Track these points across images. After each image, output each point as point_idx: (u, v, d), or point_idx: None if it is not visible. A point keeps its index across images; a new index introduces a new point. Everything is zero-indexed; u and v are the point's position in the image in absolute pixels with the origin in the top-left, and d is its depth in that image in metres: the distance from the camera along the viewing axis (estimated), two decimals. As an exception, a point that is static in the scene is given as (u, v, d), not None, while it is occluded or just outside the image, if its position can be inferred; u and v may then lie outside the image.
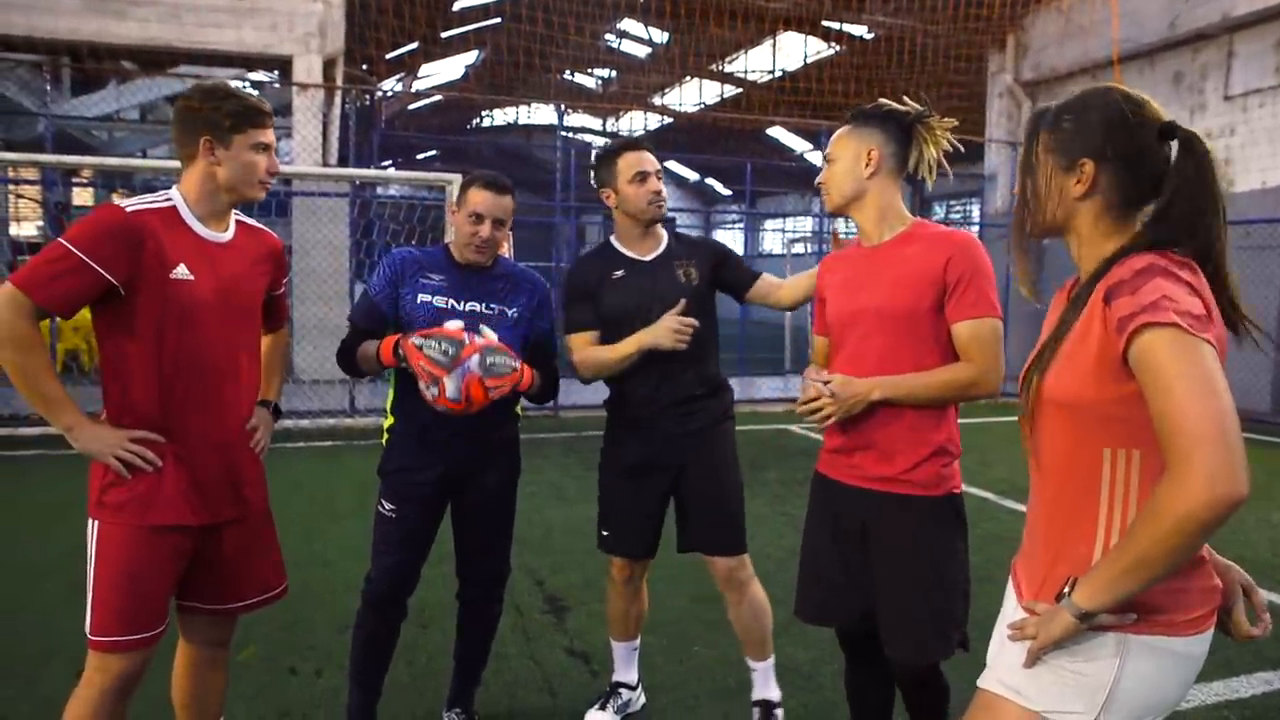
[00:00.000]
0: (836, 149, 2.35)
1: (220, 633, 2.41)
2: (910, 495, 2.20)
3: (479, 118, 30.04)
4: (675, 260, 2.88)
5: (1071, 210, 1.50)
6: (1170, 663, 1.40)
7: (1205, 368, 1.25)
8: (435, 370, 2.38)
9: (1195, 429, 1.23)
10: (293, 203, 11.55)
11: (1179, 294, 1.30)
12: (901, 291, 2.20)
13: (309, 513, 5.62)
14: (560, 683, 3.37)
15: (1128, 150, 1.45)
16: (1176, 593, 1.40)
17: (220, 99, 2.16)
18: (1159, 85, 12.14)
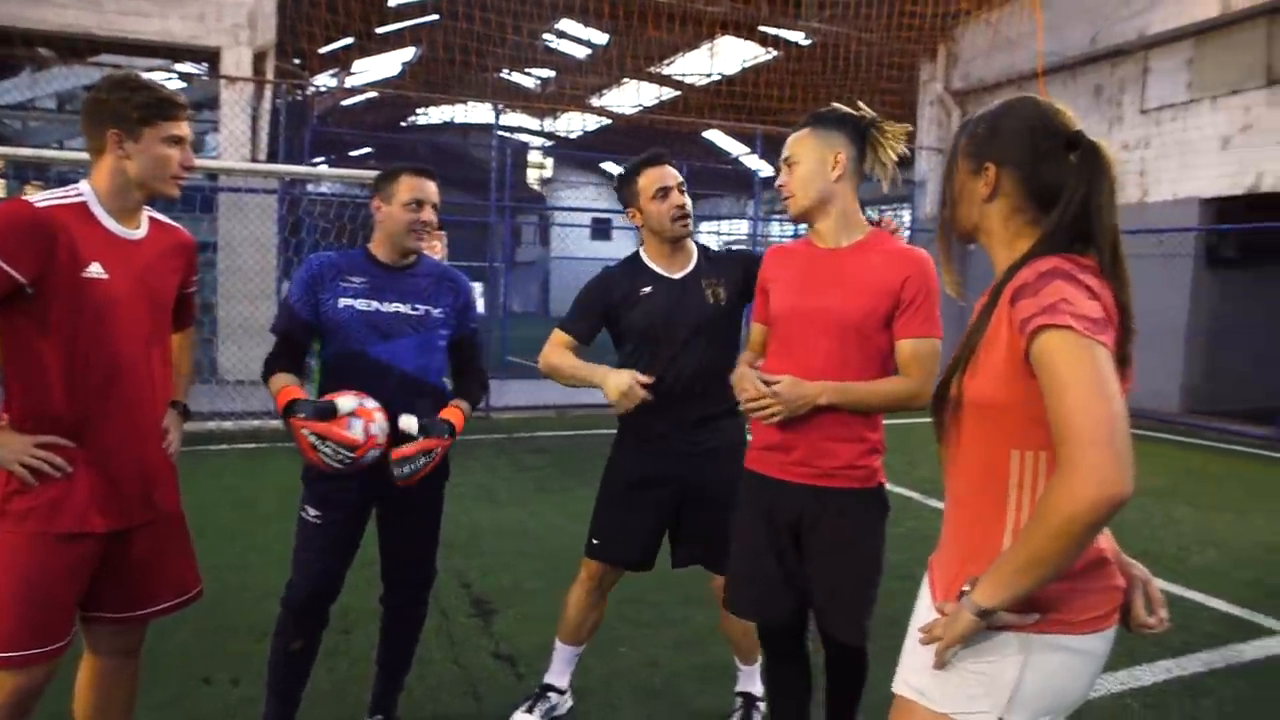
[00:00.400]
0: (798, 151, 2.33)
1: (128, 641, 2.33)
2: (850, 489, 2.33)
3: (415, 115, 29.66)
4: (704, 279, 2.83)
5: (981, 212, 1.57)
6: (1073, 660, 1.43)
7: (1097, 371, 1.30)
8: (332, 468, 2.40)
9: (1085, 432, 1.27)
10: (219, 199, 11.25)
11: (1077, 297, 1.35)
12: (860, 299, 2.27)
13: (231, 516, 5.49)
14: (485, 687, 3.35)
15: (1029, 156, 1.51)
16: (1078, 592, 1.43)
17: (129, 90, 2.08)
18: (1080, 97, 12.56)
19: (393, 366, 2.63)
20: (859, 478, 2.33)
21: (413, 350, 2.67)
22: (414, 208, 2.63)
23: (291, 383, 2.55)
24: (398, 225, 2.64)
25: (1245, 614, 4.30)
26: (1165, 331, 11.12)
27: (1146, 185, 11.66)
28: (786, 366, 2.32)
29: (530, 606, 4.17)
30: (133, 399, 2.15)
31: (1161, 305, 11.11)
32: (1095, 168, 1.47)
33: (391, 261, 2.70)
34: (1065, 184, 1.48)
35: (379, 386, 2.57)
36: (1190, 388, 11.23)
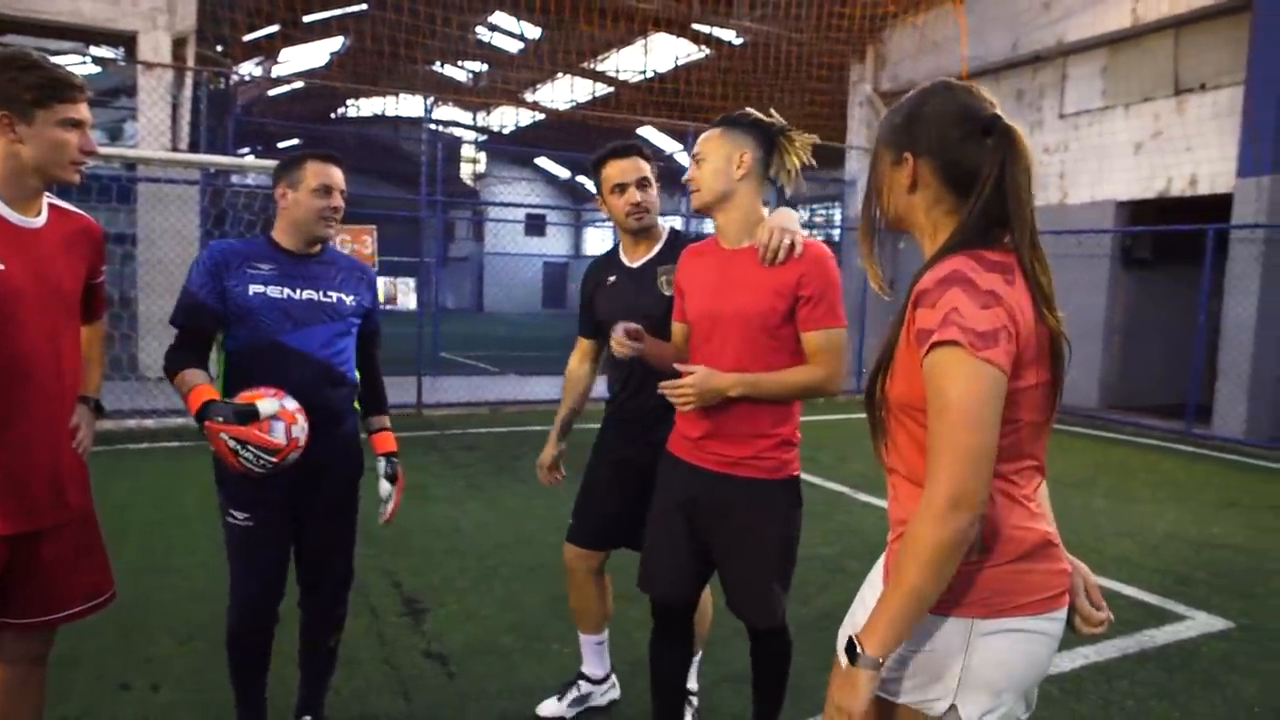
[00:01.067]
0: (707, 149, 2.42)
1: (36, 648, 2.22)
2: (756, 478, 2.39)
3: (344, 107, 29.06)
4: (660, 267, 2.84)
5: (905, 203, 1.55)
6: (1023, 641, 1.44)
7: (977, 397, 1.32)
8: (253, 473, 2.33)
9: (952, 463, 1.33)
10: (137, 189, 10.86)
11: (970, 307, 1.34)
12: (759, 299, 2.34)
13: (153, 517, 5.30)
14: (415, 686, 3.30)
15: (945, 143, 1.48)
16: (1020, 574, 1.44)
17: (19, 69, 1.95)
18: (1004, 101, 12.83)
19: (306, 355, 2.54)
20: (767, 468, 2.39)
21: (325, 339, 2.59)
22: (323, 194, 2.56)
23: (203, 381, 2.43)
24: (307, 213, 2.57)
25: (1158, 601, 4.48)
26: (1084, 329, 11.52)
27: (1066, 188, 12.05)
28: (703, 364, 2.39)
29: (461, 605, 4.12)
30: (38, 396, 2.05)
31: (1081, 304, 11.50)
32: (1009, 150, 1.44)
33: (297, 250, 2.62)
34: (982, 172, 1.45)
35: (291, 375, 2.48)
36: (1107, 383, 11.66)
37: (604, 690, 3.20)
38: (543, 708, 3.11)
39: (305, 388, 2.48)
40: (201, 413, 2.31)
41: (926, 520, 1.34)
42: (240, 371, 2.52)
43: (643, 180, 2.84)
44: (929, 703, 1.46)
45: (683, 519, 2.48)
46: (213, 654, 3.38)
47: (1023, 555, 1.44)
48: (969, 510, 1.32)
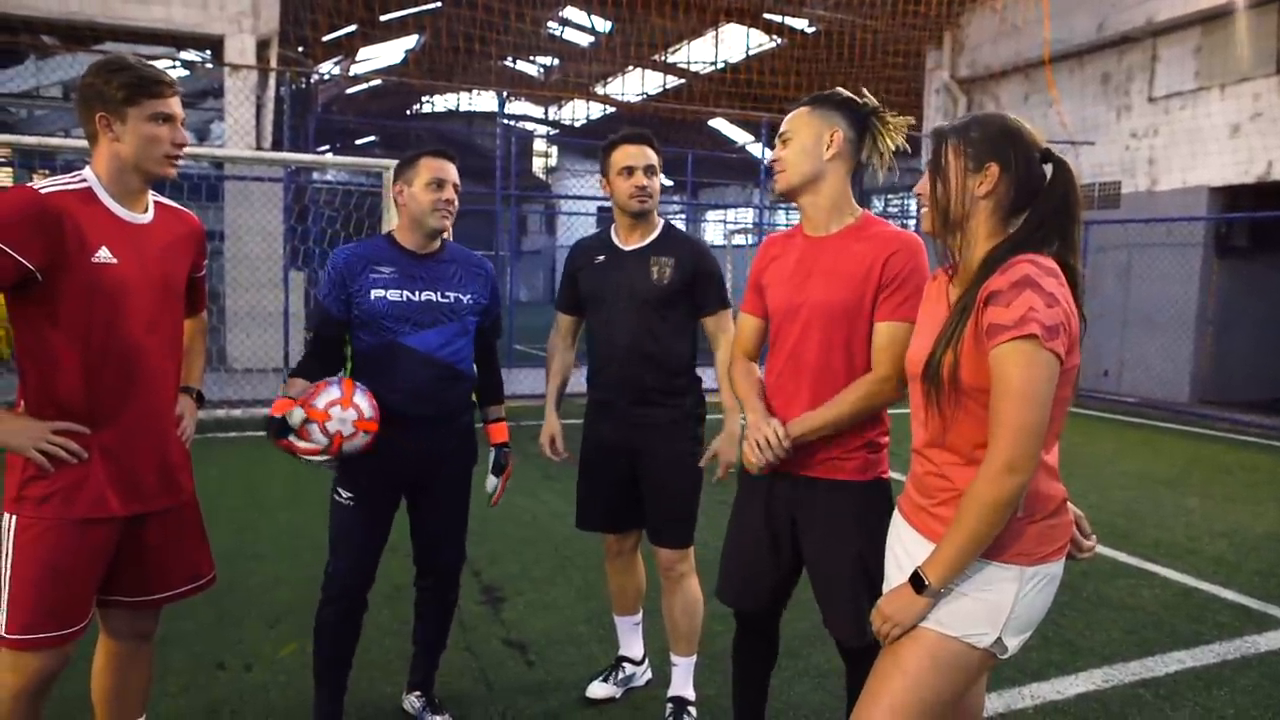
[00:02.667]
0: (794, 126, 2.27)
1: (144, 625, 2.34)
2: (840, 480, 2.24)
3: (419, 104, 29.59)
4: (654, 255, 2.89)
5: (973, 208, 1.75)
6: (1048, 584, 1.75)
7: (1040, 381, 1.59)
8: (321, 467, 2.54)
9: (1015, 433, 1.59)
10: (225, 187, 11.24)
11: (1041, 306, 1.59)
12: (842, 290, 2.20)
13: (240, 505, 5.49)
14: (496, 673, 3.35)
15: (1021, 161, 1.73)
16: (1051, 528, 1.74)
17: (111, 72, 2.05)
18: (1088, 85, 12.50)
19: (426, 355, 2.65)
20: (851, 469, 2.25)
21: (445, 338, 2.69)
22: (435, 187, 2.65)
23: (284, 394, 2.59)
24: (422, 206, 2.65)
25: (1258, 605, 4.28)
26: (1174, 321, 11.09)
27: (1155, 174, 11.61)
28: (778, 363, 2.31)
29: (538, 594, 4.17)
30: (147, 384, 2.14)
31: (1171, 295, 11.08)
32: (1069, 179, 1.74)
33: (417, 248, 2.71)
34: (1038, 191, 1.73)
35: (410, 375, 2.63)
36: (1200, 378, 11.20)
37: (642, 671, 3.27)
38: (592, 690, 3.16)
39: (424, 386, 2.64)
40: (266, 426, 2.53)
41: (986, 481, 1.62)
42: (365, 371, 2.67)
43: (650, 168, 2.90)
44: (976, 635, 1.72)
45: (763, 526, 2.35)
46: (300, 636, 3.49)
47: (1053, 512, 1.74)
48: (1023, 474, 1.60)
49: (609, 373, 2.95)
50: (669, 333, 2.89)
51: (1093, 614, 4.03)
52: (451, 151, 2.75)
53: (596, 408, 3.03)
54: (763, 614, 2.49)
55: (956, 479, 1.76)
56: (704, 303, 2.94)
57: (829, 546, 2.26)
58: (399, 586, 3.66)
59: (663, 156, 2.98)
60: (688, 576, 2.97)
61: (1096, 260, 11.81)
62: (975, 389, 1.68)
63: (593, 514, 3.07)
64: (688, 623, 2.99)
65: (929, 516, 1.82)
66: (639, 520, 3.02)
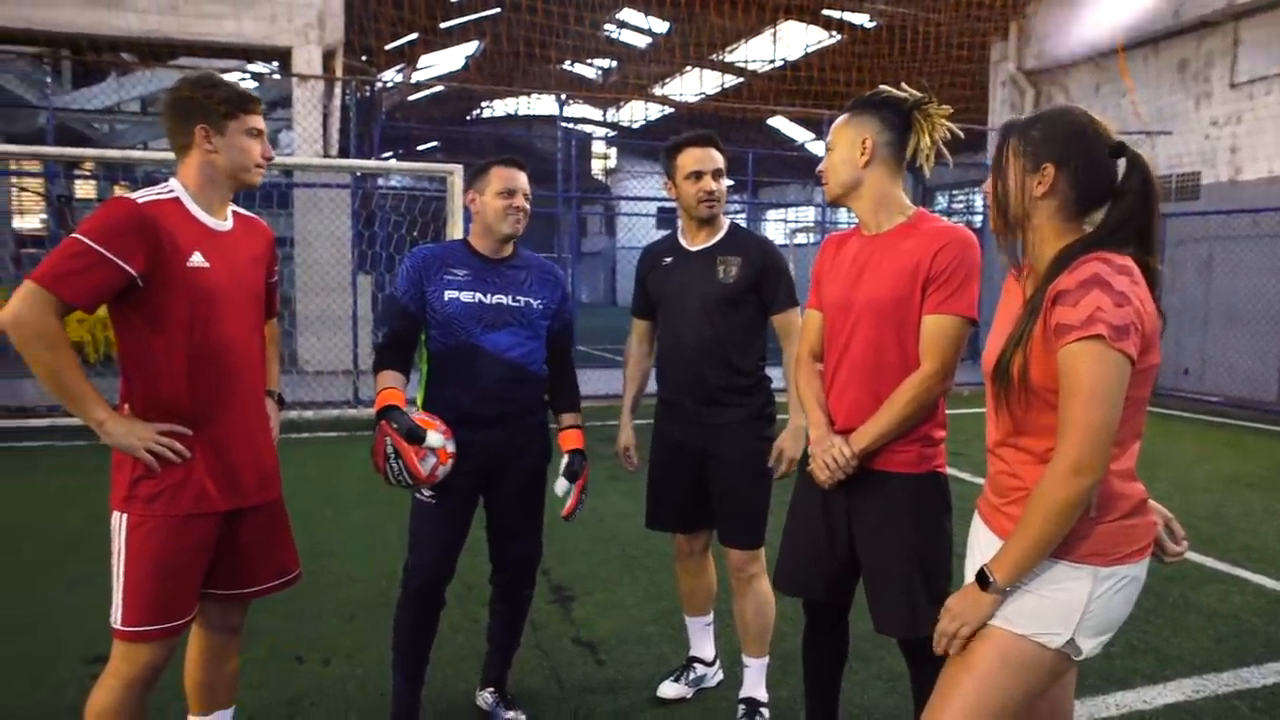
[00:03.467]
0: (835, 138, 2.35)
1: (235, 618, 2.42)
2: (894, 472, 2.25)
3: (479, 109, 29.98)
4: (720, 255, 2.90)
5: (1032, 207, 1.73)
6: (1127, 586, 1.71)
7: (1109, 381, 1.56)
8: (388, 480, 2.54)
9: (1084, 432, 1.57)
10: (294, 194, 11.53)
11: (1109, 307, 1.56)
12: (892, 283, 2.22)
13: (313, 504, 5.62)
14: (566, 671, 3.37)
15: (1083, 159, 1.70)
16: (1128, 529, 1.70)
17: (211, 87, 2.17)
18: (1164, 73, 12.10)
19: (497, 357, 2.70)
20: (906, 461, 2.25)
21: (516, 341, 2.74)
22: (506, 195, 2.72)
23: (396, 385, 2.62)
24: (494, 213, 2.72)
25: (1356, 609, 4.09)
26: (1260, 316, 10.66)
27: (1239, 163, 11.18)
28: (833, 358, 2.35)
29: (607, 594, 4.18)
30: (241, 384, 2.23)
31: (1256, 289, 10.66)
32: (1145, 175, 1.68)
33: (490, 253, 2.78)
34: (1109, 188, 1.69)
35: (483, 375, 2.68)
36: (1285, 374, 10.75)
37: (714, 672, 3.25)
38: (663, 689, 3.16)
39: (495, 386, 2.69)
40: (382, 412, 2.52)
41: (1054, 482, 1.59)
42: (439, 369, 2.74)
43: (718, 171, 2.90)
44: (1047, 635, 1.68)
45: (820, 516, 2.36)
46: (375, 632, 3.56)
47: (1130, 512, 1.70)
48: (1091, 476, 1.58)
49: (677, 373, 2.95)
50: (736, 332, 2.88)
51: (1180, 621, 3.89)
52: (521, 160, 2.80)
53: (665, 408, 3.03)
54: (828, 608, 2.49)
55: (1027, 478, 1.74)
56: (772, 301, 2.92)
57: (881, 537, 2.27)
58: (470, 585, 3.70)
59: (727, 156, 2.96)
60: (759, 577, 2.95)
61: (1175, 254, 11.41)
62: (1045, 389, 1.67)
63: (662, 513, 3.07)
64: (759, 624, 2.97)
65: (1001, 516, 1.80)
66: (709, 520, 3.01)
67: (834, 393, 2.35)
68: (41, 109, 11.16)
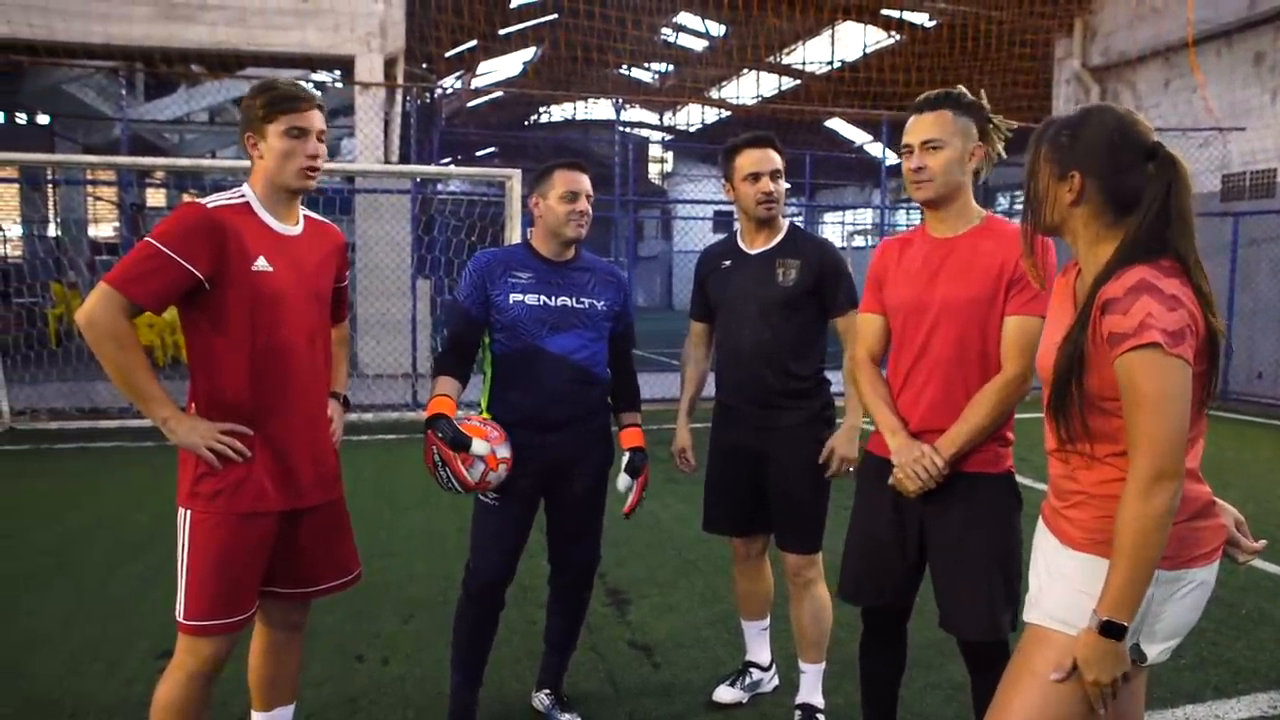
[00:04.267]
0: (943, 134, 2.25)
1: (297, 616, 2.47)
2: (971, 473, 2.25)
3: (537, 114, 30.26)
4: (779, 258, 2.88)
5: (1065, 215, 1.71)
6: (1193, 590, 1.66)
7: (1172, 388, 1.53)
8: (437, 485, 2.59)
9: (1154, 445, 1.53)
10: (355, 200, 11.76)
11: (1161, 311, 1.52)
12: (972, 286, 2.23)
13: (372, 505, 5.72)
14: (622, 674, 3.37)
15: (1110, 167, 1.66)
16: (1196, 531, 1.66)
17: (258, 92, 2.20)
18: (1238, 66, 11.69)
19: (562, 359, 2.72)
20: (981, 461, 2.25)
21: (580, 343, 2.76)
22: (569, 199, 2.72)
23: (449, 393, 2.67)
24: (556, 217, 2.74)
25: None
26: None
27: (1316, 159, 10.73)
28: (907, 359, 2.33)
29: (663, 597, 4.18)
30: (303, 386, 2.27)
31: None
32: (1175, 176, 1.63)
33: (553, 255, 2.79)
34: (1144, 192, 1.64)
35: (547, 378, 2.70)
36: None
37: (770, 677, 3.22)
38: (719, 694, 3.14)
39: (561, 389, 2.71)
40: (430, 420, 2.57)
41: (1137, 495, 1.54)
42: (504, 372, 2.76)
43: (776, 172, 2.87)
44: None
45: (891, 520, 2.35)
46: (433, 632, 3.60)
47: (1195, 514, 1.66)
48: (1172, 480, 1.54)
49: (735, 376, 2.94)
50: (795, 335, 2.86)
51: (1254, 633, 3.75)
52: (584, 163, 2.80)
53: (723, 411, 3.02)
54: (889, 615, 2.47)
55: (1084, 481, 1.72)
56: (832, 304, 2.89)
57: (960, 537, 2.26)
58: (526, 588, 3.73)
59: (785, 157, 2.95)
60: (816, 582, 2.92)
61: (1248, 254, 11.01)
62: (1102, 397, 1.64)
63: (719, 517, 3.06)
64: (816, 629, 2.94)
65: (1061, 519, 1.77)
66: (766, 524, 2.99)
67: (908, 394, 2.34)
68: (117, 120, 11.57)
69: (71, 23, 10.84)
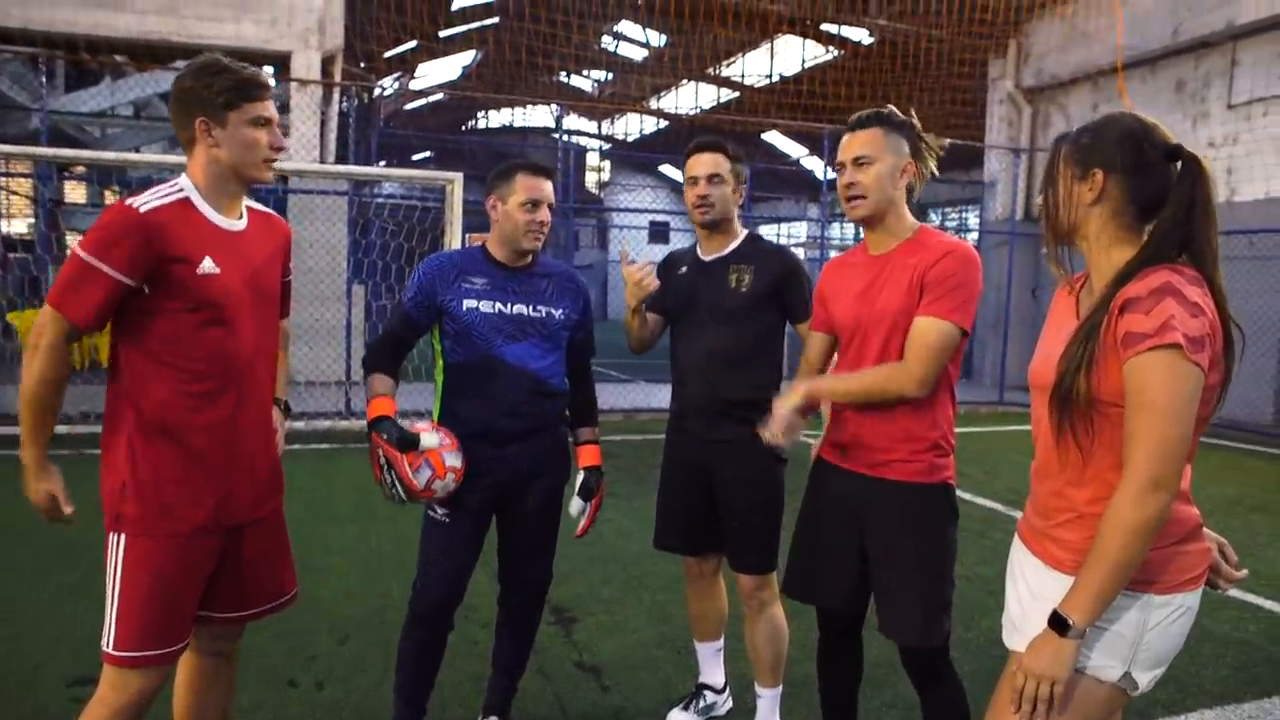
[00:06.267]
0: (873, 150, 2.29)
1: (228, 643, 2.31)
2: (905, 481, 2.27)
3: (474, 119, 29.93)
4: (733, 265, 2.81)
5: (1083, 215, 1.68)
6: (1180, 615, 1.62)
7: (1183, 395, 1.49)
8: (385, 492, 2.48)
9: (1154, 452, 1.49)
10: (289, 200, 11.41)
11: (1184, 316, 1.49)
12: (899, 298, 2.25)
13: (306, 518, 5.49)
14: (570, 698, 3.26)
15: (1134, 164, 1.63)
16: (1182, 555, 1.62)
17: (213, 75, 2.01)
18: (1161, 93, 12.12)
19: (518, 368, 2.60)
20: (916, 470, 2.26)
21: (537, 353, 2.64)
22: (530, 208, 2.60)
23: (387, 393, 2.55)
24: (514, 225, 2.61)
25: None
26: (1256, 338, 10.64)
27: (1235, 184, 11.17)
28: (848, 369, 2.36)
29: (609, 615, 4.07)
30: (249, 394, 2.11)
31: (1252, 310, 10.62)
32: (1199, 179, 1.60)
33: (510, 261, 2.68)
34: (1166, 193, 1.61)
35: (503, 388, 2.58)
36: (1282, 396, 10.73)
37: (724, 700, 3.15)
38: (672, 718, 3.07)
39: (517, 400, 2.59)
40: (373, 423, 2.43)
41: (1129, 501, 1.50)
42: (456, 383, 2.63)
43: (713, 176, 2.78)
44: (1103, 668, 1.61)
45: (833, 523, 2.38)
46: (370, 654, 3.45)
47: (1185, 537, 1.63)
48: (1167, 492, 1.50)
49: (689, 386, 2.86)
50: (749, 343, 2.80)
51: (1198, 649, 3.80)
52: (549, 168, 2.68)
53: (675, 424, 2.95)
54: (841, 620, 2.47)
55: (1077, 499, 1.68)
56: (794, 311, 2.83)
57: (895, 545, 2.28)
58: (471, 607, 3.57)
59: (741, 162, 2.85)
60: (770, 604, 2.85)
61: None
62: (1108, 403, 1.59)
63: (671, 534, 2.97)
64: (771, 653, 2.87)
65: (1046, 539, 1.73)
66: (719, 542, 2.91)
67: (848, 408, 2.35)
68: (34, 111, 11.02)
69: (-14, 6, 10.32)
